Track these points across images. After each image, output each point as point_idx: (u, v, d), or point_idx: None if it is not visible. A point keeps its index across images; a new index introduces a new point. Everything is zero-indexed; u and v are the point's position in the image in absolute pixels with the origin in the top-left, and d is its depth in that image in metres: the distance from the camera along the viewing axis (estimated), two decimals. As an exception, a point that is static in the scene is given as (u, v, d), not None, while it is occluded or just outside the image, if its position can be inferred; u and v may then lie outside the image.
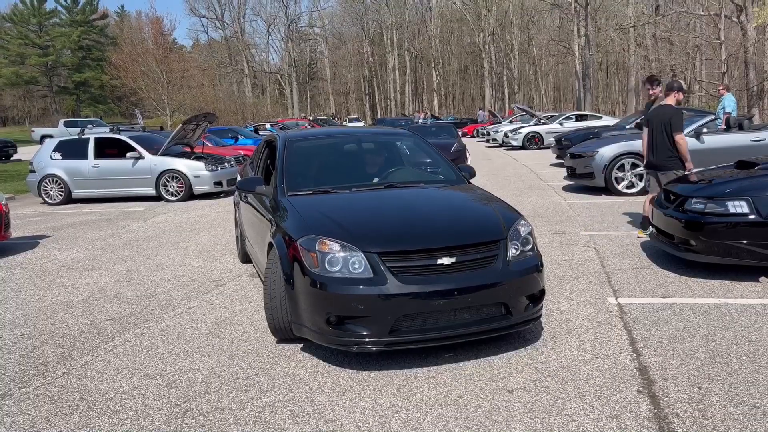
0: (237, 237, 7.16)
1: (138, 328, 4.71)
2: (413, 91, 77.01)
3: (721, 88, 14.85)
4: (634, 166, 10.35)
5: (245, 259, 6.78)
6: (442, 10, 73.79)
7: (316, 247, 3.82)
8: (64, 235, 9.11)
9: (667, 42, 34.93)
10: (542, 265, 4.13)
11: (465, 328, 3.77)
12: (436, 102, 73.01)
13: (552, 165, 16.58)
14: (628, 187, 10.39)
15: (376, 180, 5.21)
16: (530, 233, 4.20)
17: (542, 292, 4.10)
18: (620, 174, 10.40)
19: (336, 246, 3.80)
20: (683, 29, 35.93)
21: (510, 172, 15.50)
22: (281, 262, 4.04)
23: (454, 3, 69.65)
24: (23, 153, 27.91)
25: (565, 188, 11.76)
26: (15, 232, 8.90)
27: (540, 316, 4.15)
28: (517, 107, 34.51)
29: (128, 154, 12.63)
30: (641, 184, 10.29)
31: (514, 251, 3.98)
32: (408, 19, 73.65)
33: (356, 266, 3.73)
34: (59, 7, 78.15)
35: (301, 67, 79.68)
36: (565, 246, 6.89)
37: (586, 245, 6.88)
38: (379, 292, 3.63)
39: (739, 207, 5.11)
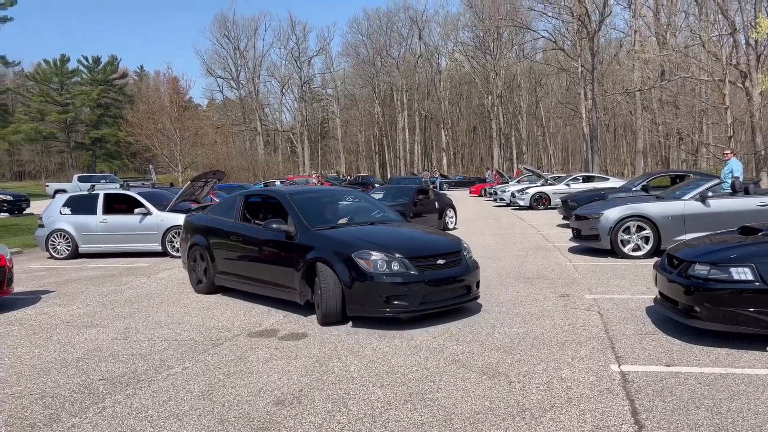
0: (192, 271, 8.48)
1: (130, 389, 4.63)
2: (422, 150, 78.11)
3: (727, 152, 14.88)
4: (639, 228, 10.27)
5: (209, 290, 8.18)
6: (451, 73, 75.66)
7: (367, 257, 6.03)
8: (66, 291, 9.10)
9: (673, 106, 35.33)
10: (478, 266, 6.86)
11: (449, 301, 6.30)
12: (445, 161, 73.89)
13: (558, 226, 16.53)
14: (634, 250, 10.27)
15: (360, 220, 7.49)
16: (468, 247, 6.94)
17: (479, 282, 6.80)
18: (626, 236, 10.30)
19: (381, 255, 6.05)
20: (689, 94, 36.36)
21: (516, 232, 15.46)
22: (335, 269, 6.10)
23: (462, 66, 71.39)
24: (36, 207, 28.25)
25: (571, 250, 11.69)
26: (18, 286, 8.92)
27: (479, 297, 6.83)
28: (525, 168, 34.76)
29: (136, 210, 12.76)
30: (647, 247, 10.19)
31: (466, 257, 6.66)
32: (418, 82, 75.46)
33: (396, 266, 6.02)
34: (81, 67, 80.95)
35: (313, 126, 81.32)
36: (569, 309, 6.78)
37: (590, 309, 6.77)
38: (416, 280, 5.99)
39: (743, 273, 5.01)
